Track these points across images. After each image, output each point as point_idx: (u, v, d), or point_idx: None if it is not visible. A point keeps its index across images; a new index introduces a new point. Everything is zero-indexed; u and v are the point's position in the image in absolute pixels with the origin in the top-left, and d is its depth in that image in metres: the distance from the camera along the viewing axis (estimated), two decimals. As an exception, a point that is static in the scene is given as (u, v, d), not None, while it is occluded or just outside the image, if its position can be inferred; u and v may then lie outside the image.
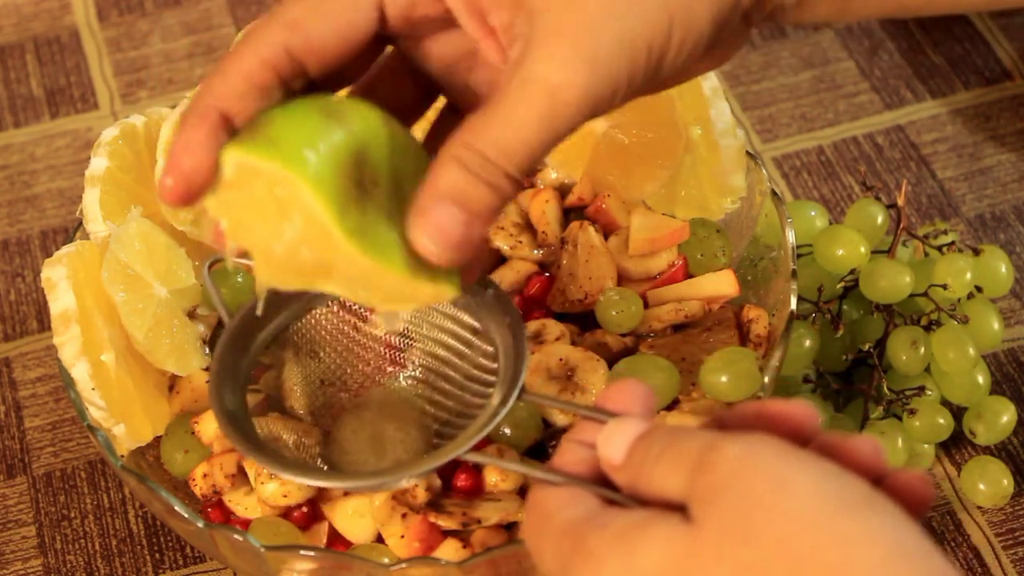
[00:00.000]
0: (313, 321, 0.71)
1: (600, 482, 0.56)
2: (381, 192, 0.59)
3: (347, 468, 0.70)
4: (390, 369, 0.72)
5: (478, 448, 0.64)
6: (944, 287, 0.84)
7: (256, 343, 0.70)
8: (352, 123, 0.59)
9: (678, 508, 0.52)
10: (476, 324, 0.68)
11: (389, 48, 0.65)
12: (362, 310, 0.71)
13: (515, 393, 0.64)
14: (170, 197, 0.59)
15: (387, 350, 0.72)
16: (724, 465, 0.51)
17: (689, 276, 0.84)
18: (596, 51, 0.58)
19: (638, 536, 0.52)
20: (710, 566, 0.50)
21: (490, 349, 0.67)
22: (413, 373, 0.71)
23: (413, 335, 0.71)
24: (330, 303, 0.71)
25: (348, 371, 0.72)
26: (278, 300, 0.70)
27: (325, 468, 0.70)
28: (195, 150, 0.58)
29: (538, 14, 0.58)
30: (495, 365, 0.66)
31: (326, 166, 0.57)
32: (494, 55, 0.62)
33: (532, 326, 0.81)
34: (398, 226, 0.59)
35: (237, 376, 0.68)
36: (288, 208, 0.57)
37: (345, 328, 0.72)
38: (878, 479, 0.53)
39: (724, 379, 0.77)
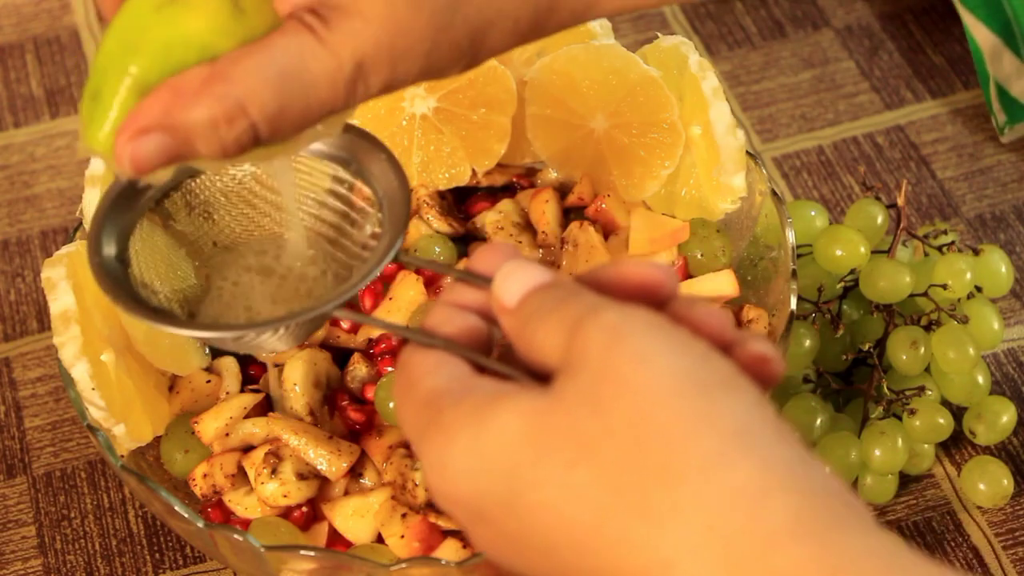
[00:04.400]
0: (204, 182, 0.71)
1: (471, 347, 0.56)
2: None
3: (222, 322, 0.68)
4: (274, 230, 0.71)
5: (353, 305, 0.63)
6: (944, 287, 0.84)
7: (145, 198, 0.69)
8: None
9: (547, 376, 0.52)
10: (368, 192, 0.67)
11: None
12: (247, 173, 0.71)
13: (390, 254, 0.63)
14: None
15: (273, 212, 0.71)
16: (594, 333, 0.50)
17: (689, 276, 0.84)
18: None
19: (492, 410, 0.51)
20: (557, 438, 0.50)
21: (375, 213, 0.66)
22: (298, 234, 0.70)
23: (297, 197, 0.70)
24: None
25: (235, 231, 0.71)
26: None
27: (196, 320, 0.68)
28: None
29: None
30: (377, 230, 0.66)
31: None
32: None
33: (532, 326, 0.81)
34: None
35: (121, 228, 0.68)
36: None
37: (234, 189, 0.71)
38: (725, 348, 0.52)
39: (724, 379, 0.77)
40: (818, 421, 0.83)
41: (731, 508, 0.47)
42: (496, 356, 0.56)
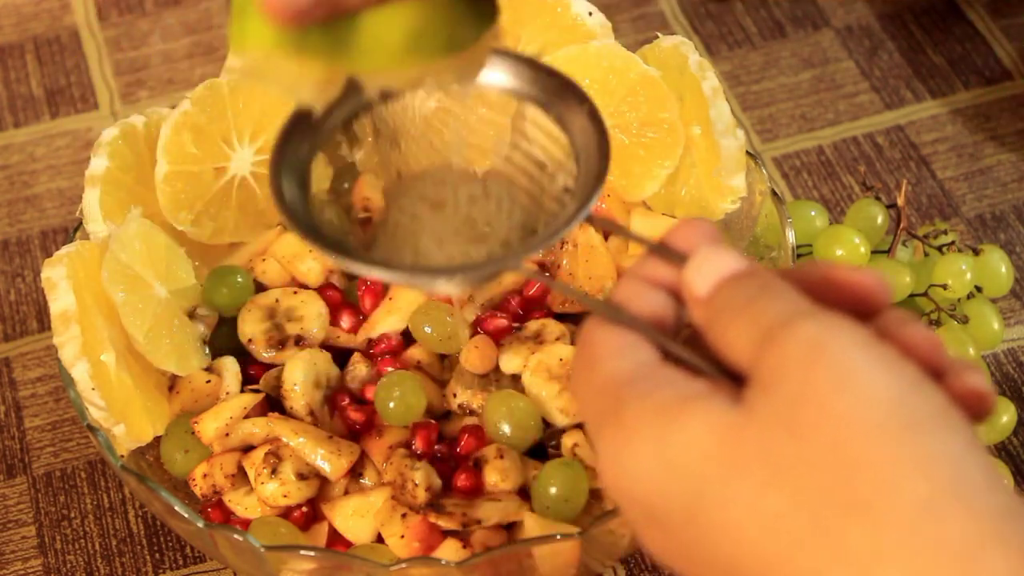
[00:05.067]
0: (394, 108, 0.66)
1: (660, 328, 0.52)
2: None
3: (397, 261, 0.63)
4: (466, 169, 0.67)
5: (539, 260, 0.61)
6: (944, 287, 0.84)
7: (330, 122, 0.64)
8: None
9: (736, 377, 0.49)
10: (566, 141, 0.63)
11: None
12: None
13: (583, 212, 0.59)
14: None
15: (462, 148, 0.68)
16: (792, 347, 0.47)
17: (689, 276, 0.84)
18: None
19: (680, 415, 0.48)
20: (749, 458, 0.47)
21: (571, 165, 0.62)
22: (488, 177, 0.66)
23: (495, 138, 0.67)
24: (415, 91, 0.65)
25: (421, 164, 0.67)
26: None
27: (371, 257, 0.63)
28: None
29: None
30: (570, 183, 0.62)
31: None
32: None
33: (532, 326, 0.81)
34: None
35: (301, 158, 0.63)
36: None
37: (424, 119, 0.67)
38: (936, 375, 0.48)
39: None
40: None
41: (942, 562, 0.44)
42: (683, 340, 0.53)
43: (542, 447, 0.78)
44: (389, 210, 0.66)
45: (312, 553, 0.72)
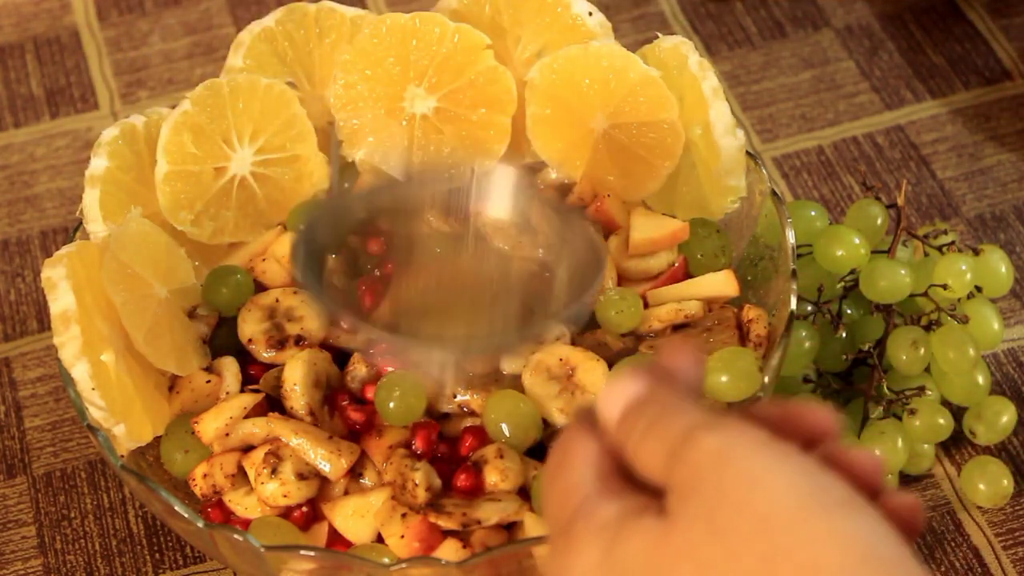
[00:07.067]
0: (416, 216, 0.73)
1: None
2: None
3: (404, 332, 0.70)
4: (471, 262, 0.73)
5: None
6: (944, 287, 0.84)
7: (353, 216, 0.72)
8: None
9: (660, 491, 0.54)
10: (553, 248, 0.69)
11: None
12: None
13: (570, 319, 0.66)
14: None
15: (471, 245, 0.74)
16: (699, 458, 0.52)
17: (689, 276, 0.84)
18: None
19: (617, 531, 0.53)
20: (681, 562, 0.51)
21: (562, 275, 0.68)
22: (492, 273, 0.73)
23: (498, 239, 0.73)
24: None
25: (430, 255, 0.73)
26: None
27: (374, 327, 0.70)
28: None
29: None
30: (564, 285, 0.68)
31: None
32: None
33: (532, 326, 0.81)
34: None
35: (323, 236, 0.70)
36: None
37: (441, 224, 0.73)
38: (872, 495, 0.53)
39: (724, 379, 0.77)
40: (818, 421, 0.83)
41: None
42: None
43: (542, 447, 0.78)
44: (398, 290, 0.73)
45: (312, 553, 0.72)
